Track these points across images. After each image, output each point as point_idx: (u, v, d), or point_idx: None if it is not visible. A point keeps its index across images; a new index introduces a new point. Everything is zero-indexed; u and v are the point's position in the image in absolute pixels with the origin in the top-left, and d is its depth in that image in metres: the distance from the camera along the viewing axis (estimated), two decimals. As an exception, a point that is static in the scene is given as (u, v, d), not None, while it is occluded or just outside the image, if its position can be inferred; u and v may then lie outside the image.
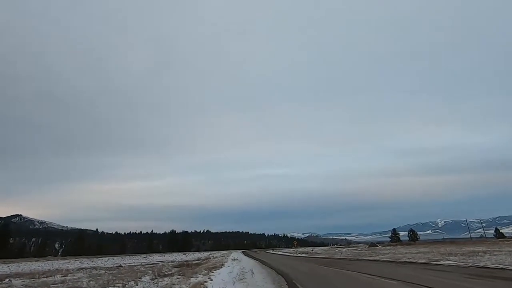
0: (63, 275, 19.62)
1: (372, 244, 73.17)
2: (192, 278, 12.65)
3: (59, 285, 13.70)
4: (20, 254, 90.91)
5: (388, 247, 55.20)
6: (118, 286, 11.80)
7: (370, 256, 24.45)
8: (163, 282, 12.02)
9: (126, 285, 11.96)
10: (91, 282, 13.96)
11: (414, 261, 16.51)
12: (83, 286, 12.54)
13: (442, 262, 14.42)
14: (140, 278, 14.58)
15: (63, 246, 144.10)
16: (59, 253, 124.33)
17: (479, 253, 19.83)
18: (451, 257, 17.48)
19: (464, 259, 15.83)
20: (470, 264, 12.77)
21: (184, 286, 10.43)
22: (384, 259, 19.63)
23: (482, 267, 11.50)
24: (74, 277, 17.61)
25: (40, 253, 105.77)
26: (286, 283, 9.93)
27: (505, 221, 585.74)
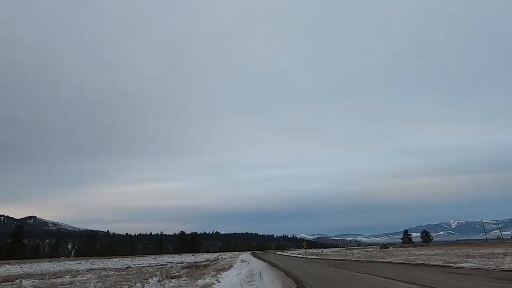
0: (72, 276, 19.67)
1: (384, 246, 71.71)
2: (199, 280, 12.33)
3: (67, 286, 13.63)
4: (34, 254, 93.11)
5: (401, 249, 53.84)
6: (125, 288, 11.59)
7: (383, 258, 23.64)
8: (170, 284, 11.74)
9: (133, 287, 11.74)
10: (98, 283, 13.83)
11: (431, 263, 15.73)
12: (90, 288, 12.39)
13: (461, 265, 13.64)
14: (147, 279, 14.38)
15: (76, 247, 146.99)
16: (72, 254, 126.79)
17: (499, 255, 18.82)
18: (469, 259, 16.61)
19: (484, 261, 14.96)
20: (494, 267, 11.98)
21: (191, 288, 10.11)
22: (398, 261, 18.86)
23: (508, 270, 10.71)
24: (83, 278, 17.59)
25: (53, 253, 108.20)
26: (296, 286, 9.47)
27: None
